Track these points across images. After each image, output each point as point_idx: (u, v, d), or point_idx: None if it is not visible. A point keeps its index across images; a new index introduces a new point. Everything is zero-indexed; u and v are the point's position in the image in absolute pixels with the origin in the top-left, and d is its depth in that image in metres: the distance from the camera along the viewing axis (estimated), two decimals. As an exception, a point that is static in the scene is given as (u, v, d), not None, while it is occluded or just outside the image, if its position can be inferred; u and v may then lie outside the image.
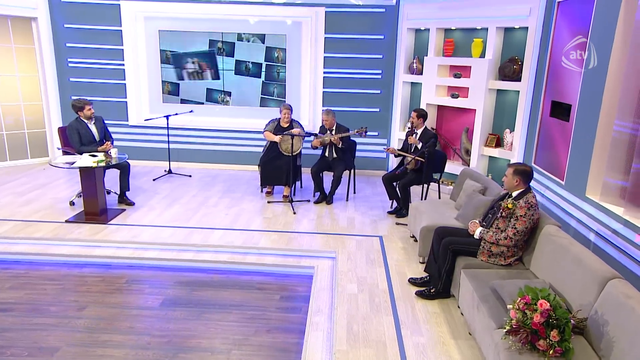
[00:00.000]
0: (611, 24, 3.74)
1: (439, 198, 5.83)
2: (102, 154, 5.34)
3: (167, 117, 7.04)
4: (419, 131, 5.60)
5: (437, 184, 5.79)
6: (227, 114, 7.61)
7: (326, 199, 6.11)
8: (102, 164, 5.16)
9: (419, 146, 5.51)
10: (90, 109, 5.57)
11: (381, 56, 7.13)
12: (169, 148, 7.32)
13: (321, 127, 6.19)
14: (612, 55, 3.73)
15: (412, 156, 5.39)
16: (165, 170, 7.24)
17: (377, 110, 7.35)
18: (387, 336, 3.30)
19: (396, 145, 6.98)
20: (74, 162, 5.15)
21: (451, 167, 6.34)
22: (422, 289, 3.89)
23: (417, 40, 6.94)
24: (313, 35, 7.11)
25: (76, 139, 5.51)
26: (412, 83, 7.04)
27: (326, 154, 6.21)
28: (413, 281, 4.05)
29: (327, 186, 6.16)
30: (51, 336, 3.33)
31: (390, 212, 5.78)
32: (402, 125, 7.12)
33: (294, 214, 5.67)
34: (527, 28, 5.47)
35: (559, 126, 4.67)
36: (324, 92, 7.32)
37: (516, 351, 2.50)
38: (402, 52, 6.91)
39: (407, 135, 5.71)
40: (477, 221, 3.77)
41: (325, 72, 7.25)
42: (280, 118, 6.18)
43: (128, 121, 7.59)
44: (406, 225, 5.25)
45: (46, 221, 5.17)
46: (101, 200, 5.29)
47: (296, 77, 7.40)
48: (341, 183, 6.09)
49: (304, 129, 6.29)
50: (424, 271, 4.12)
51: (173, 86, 7.55)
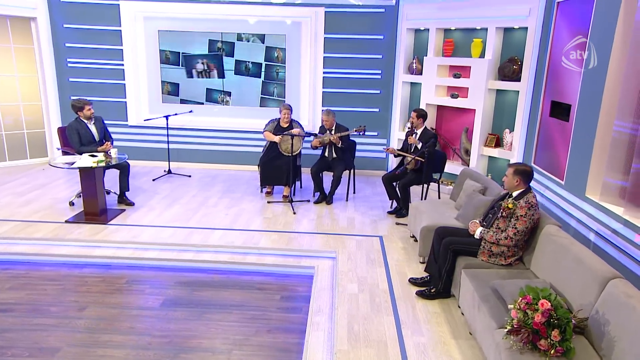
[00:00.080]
0: (611, 24, 3.74)
1: (439, 198, 5.83)
2: (102, 154, 5.33)
3: (166, 117, 7.04)
4: (419, 131, 5.61)
5: (436, 184, 5.80)
6: (227, 114, 7.60)
7: (326, 199, 6.11)
8: (102, 164, 5.15)
9: (419, 146, 5.51)
10: (90, 109, 5.57)
11: (381, 56, 7.14)
12: (168, 148, 7.31)
13: (321, 127, 6.19)
14: (612, 55, 3.74)
15: (412, 156, 5.39)
16: (165, 171, 7.24)
17: (377, 110, 7.35)
18: (388, 336, 3.31)
19: (396, 145, 6.98)
20: (73, 163, 5.14)
21: (451, 167, 6.34)
22: (422, 288, 3.90)
23: (416, 40, 6.95)
24: (313, 35, 7.11)
25: (76, 139, 5.51)
26: (412, 83, 7.05)
27: (326, 154, 6.21)
28: (413, 281, 4.06)
29: (327, 186, 6.16)
30: (52, 337, 3.33)
31: (390, 212, 5.78)
32: (402, 125, 7.12)
33: (293, 214, 5.67)
34: (526, 28, 5.48)
35: (559, 126, 4.68)
36: (323, 92, 7.32)
37: (517, 351, 2.51)
38: (402, 52, 6.92)
39: (407, 135, 5.72)
40: (478, 221, 3.78)
41: (324, 72, 7.25)
42: (280, 118, 6.18)
43: (127, 121, 7.58)
44: (406, 225, 5.25)
45: (46, 221, 5.17)
46: (101, 200, 5.29)
47: (296, 77, 7.39)
48: (341, 183, 6.09)
49: (303, 129, 6.29)
50: (425, 271, 4.12)
51: (172, 86, 7.54)
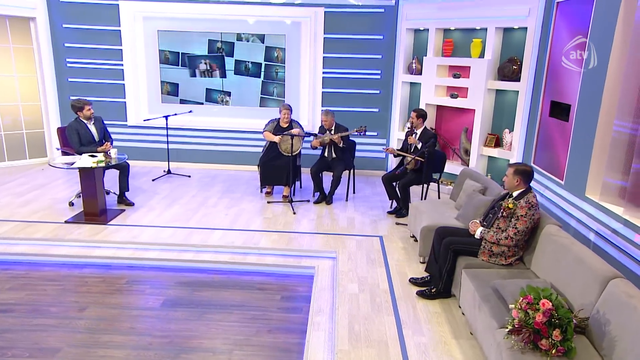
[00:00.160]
0: (611, 24, 3.75)
1: (439, 198, 5.84)
2: (102, 154, 5.32)
3: (166, 117, 7.03)
4: (419, 131, 5.61)
5: (436, 184, 5.80)
6: (227, 114, 7.59)
7: (326, 199, 6.11)
8: (102, 164, 5.14)
9: (419, 146, 5.51)
10: (90, 109, 5.56)
11: (380, 56, 7.14)
12: (168, 148, 7.30)
13: (320, 127, 6.19)
14: (612, 55, 3.74)
15: (412, 156, 5.39)
16: (165, 171, 7.23)
17: (377, 110, 7.35)
18: (389, 336, 3.31)
19: (395, 145, 6.99)
20: (73, 163, 5.13)
21: (450, 167, 6.35)
22: (423, 288, 3.90)
23: (416, 40, 6.95)
24: (312, 35, 7.11)
25: (75, 139, 5.50)
26: (411, 83, 7.05)
27: (326, 154, 6.21)
28: (414, 281, 4.06)
29: (327, 186, 6.16)
30: (52, 337, 3.32)
31: (390, 212, 5.78)
32: (402, 125, 7.13)
33: (293, 214, 5.67)
34: (526, 28, 5.49)
35: (559, 126, 4.69)
36: (323, 92, 7.32)
37: (518, 350, 2.51)
38: (402, 52, 6.92)
39: (407, 135, 5.72)
40: (478, 221, 3.78)
41: (324, 72, 7.25)
42: (279, 118, 6.18)
43: (127, 121, 7.57)
44: (406, 225, 5.25)
45: (45, 222, 5.16)
46: (101, 200, 5.28)
47: (295, 77, 7.39)
48: (341, 183, 6.09)
49: (303, 129, 6.29)
50: (425, 271, 4.12)
51: (172, 86, 7.54)
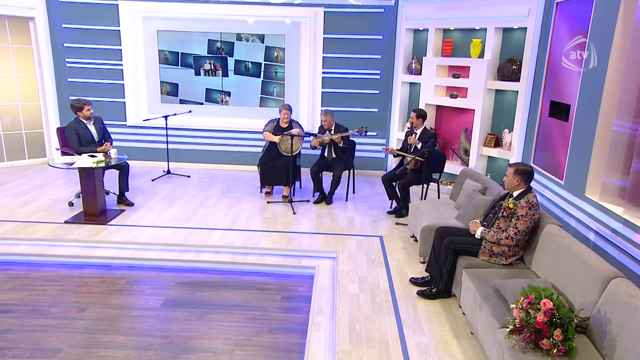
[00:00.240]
0: (610, 24, 3.75)
1: (439, 198, 5.84)
2: (101, 154, 5.32)
3: (165, 117, 7.03)
4: (419, 131, 5.61)
5: (436, 184, 5.81)
6: (227, 114, 7.59)
7: (326, 199, 6.11)
8: (102, 164, 5.14)
9: (419, 146, 5.52)
10: (90, 109, 5.55)
11: (380, 56, 7.14)
12: (167, 148, 7.30)
13: (320, 127, 6.19)
14: (612, 55, 3.75)
15: (412, 156, 5.40)
16: (164, 171, 7.22)
17: (376, 110, 7.36)
18: (390, 336, 3.31)
19: (395, 145, 6.99)
20: (73, 163, 5.13)
21: (450, 167, 6.35)
22: (423, 288, 3.90)
23: (415, 40, 6.96)
24: (312, 35, 7.11)
25: (75, 139, 5.49)
26: (411, 83, 7.05)
27: (325, 154, 6.22)
28: (414, 281, 4.06)
29: (327, 186, 6.16)
30: (52, 337, 3.32)
31: (389, 212, 5.78)
32: (401, 126, 7.13)
33: (293, 214, 5.67)
34: (525, 28, 5.50)
35: (558, 126, 4.69)
36: (322, 92, 7.32)
37: (520, 350, 2.51)
38: (401, 52, 6.93)
39: (407, 135, 5.72)
40: (478, 221, 3.79)
41: (324, 72, 7.25)
42: (279, 118, 6.18)
43: (126, 121, 7.56)
44: (406, 225, 5.26)
45: (45, 222, 5.15)
46: (100, 200, 5.28)
47: (295, 77, 7.39)
48: (340, 183, 6.09)
49: (303, 129, 6.29)
50: (425, 271, 4.12)
51: (172, 86, 7.53)
